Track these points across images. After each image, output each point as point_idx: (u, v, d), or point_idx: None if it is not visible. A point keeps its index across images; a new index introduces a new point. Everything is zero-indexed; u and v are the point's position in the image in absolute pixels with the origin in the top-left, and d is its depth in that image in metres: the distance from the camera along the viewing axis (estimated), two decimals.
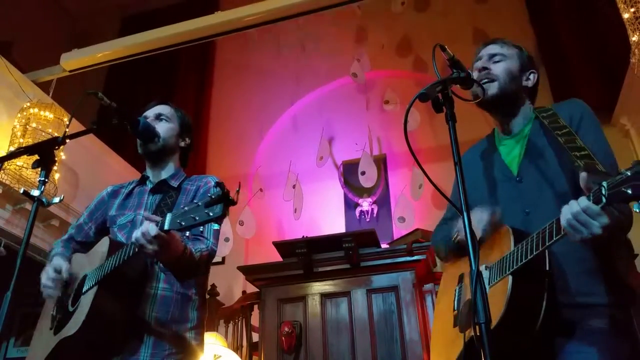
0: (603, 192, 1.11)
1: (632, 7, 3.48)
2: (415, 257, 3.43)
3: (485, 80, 1.68)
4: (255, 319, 4.08)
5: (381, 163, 5.89)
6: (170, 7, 7.53)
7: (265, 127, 6.77)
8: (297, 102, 6.72)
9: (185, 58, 7.10)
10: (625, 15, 3.53)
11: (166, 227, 1.42)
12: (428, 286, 3.56)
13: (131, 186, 2.06)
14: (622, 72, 4.32)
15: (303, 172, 6.02)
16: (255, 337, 4.10)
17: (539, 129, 1.65)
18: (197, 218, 1.35)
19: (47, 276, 1.76)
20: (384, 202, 5.77)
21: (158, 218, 1.47)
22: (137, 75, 7.15)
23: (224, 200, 1.32)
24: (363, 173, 5.59)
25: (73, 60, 5.25)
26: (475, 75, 1.70)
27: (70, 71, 5.30)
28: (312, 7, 4.69)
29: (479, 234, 1.53)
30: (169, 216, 1.43)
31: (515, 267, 1.38)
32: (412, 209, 5.39)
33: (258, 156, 6.65)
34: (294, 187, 5.85)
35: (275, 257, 3.81)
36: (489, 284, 1.49)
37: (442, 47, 1.47)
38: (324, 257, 3.58)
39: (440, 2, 6.45)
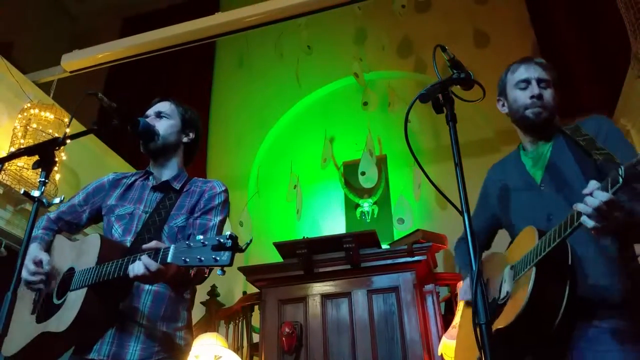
0: (620, 172, 1.20)
1: (631, 7, 3.48)
2: (415, 258, 3.43)
3: (539, 108, 1.75)
4: (255, 320, 4.08)
5: (382, 163, 5.89)
6: (170, 7, 7.53)
7: (266, 128, 6.77)
8: (298, 102, 6.72)
9: (186, 59, 7.10)
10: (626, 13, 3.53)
11: (168, 260, 1.41)
12: (429, 287, 3.56)
13: (133, 178, 2.04)
14: (623, 71, 4.31)
15: (304, 172, 6.03)
16: (256, 337, 4.10)
17: (562, 140, 1.73)
18: (202, 259, 1.33)
19: (27, 271, 1.71)
20: (384, 203, 5.77)
21: (162, 246, 1.46)
22: (138, 76, 7.14)
23: (234, 250, 1.31)
24: (363, 173, 5.58)
25: (74, 61, 5.24)
26: (521, 95, 1.78)
27: (70, 72, 5.30)
28: (312, 7, 4.68)
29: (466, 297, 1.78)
30: (172, 249, 1.41)
31: (537, 258, 1.44)
32: (412, 210, 5.39)
33: (258, 156, 6.66)
34: (294, 187, 5.85)
35: (276, 257, 3.81)
36: (513, 279, 1.57)
37: (442, 47, 1.48)
38: (325, 258, 3.58)
39: (441, 3, 6.45)
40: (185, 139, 2.04)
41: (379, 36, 6.36)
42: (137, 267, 1.47)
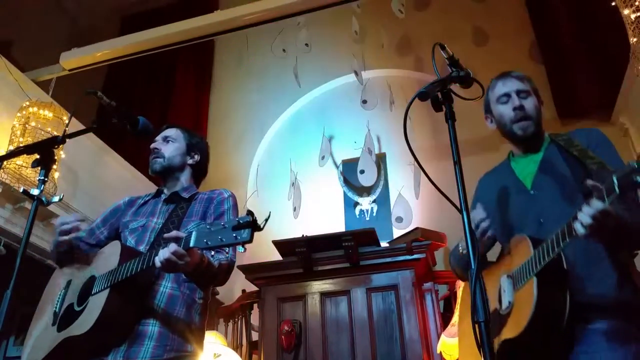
0: (614, 180, 1.20)
1: (631, 5, 3.48)
2: (414, 256, 3.43)
3: (522, 118, 1.78)
4: (255, 318, 4.08)
5: (381, 162, 5.89)
6: (169, 6, 7.52)
7: (265, 126, 6.77)
8: (297, 100, 6.71)
9: (184, 57, 7.09)
10: (625, 12, 3.52)
11: (191, 244, 1.48)
12: (428, 285, 3.56)
13: (147, 198, 2.16)
14: (622, 70, 4.31)
15: (302, 171, 6.02)
16: (255, 335, 4.10)
17: (554, 148, 1.76)
18: (223, 239, 1.40)
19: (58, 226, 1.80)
20: (383, 201, 5.77)
21: (182, 234, 1.52)
22: (137, 74, 7.14)
23: (252, 226, 1.37)
24: (362, 172, 5.59)
25: (73, 59, 5.24)
26: (504, 109, 1.82)
27: (69, 70, 5.29)
28: (311, 5, 4.68)
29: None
30: (194, 234, 1.48)
31: (537, 269, 1.46)
32: (411, 208, 5.39)
33: (258, 155, 6.65)
34: (292, 185, 5.85)
35: (275, 256, 3.81)
36: (514, 289, 1.56)
37: (441, 46, 1.48)
38: (324, 256, 3.58)
39: (440, 1, 6.45)
40: (190, 161, 2.17)
41: (378, 34, 6.35)
42: (162, 253, 1.53)
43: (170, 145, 2.13)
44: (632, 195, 1.22)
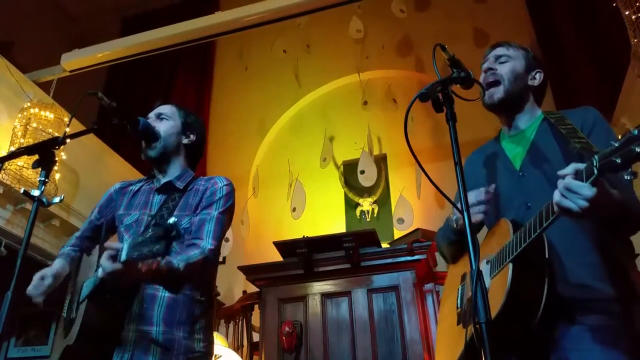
0: (594, 163, 1.14)
1: (632, 6, 3.48)
2: (415, 257, 3.43)
3: (491, 79, 1.71)
4: (255, 319, 4.08)
5: (381, 162, 5.89)
6: (170, 7, 7.54)
7: (266, 127, 6.78)
8: (298, 101, 6.72)
9: (185, 58, 7.10)
10: (626, 12, 3.52)
11: (123, 258, 1.41)
12: (428, 286, 3.56)
13: (139, 184, 2.05)
14: (623, 71, 4.31)
15: (303, 171, 6.03)
16: (256, 336, 4.10)
17: (546, 127, 1.66)
18: (144, 251, 1.35)
19: (32, 284, 1.75)
20: (384, 202, 5.77)
21: (119, 245, 1.44)
22: (137, 75, 7.15)
23: (167, 237, 1.33)
24: (362, 172, 5.59)
25: (73, 61, 5.25)
26: (481, 76, 1.73)
27: (70, 71, 5.30)
28: (312, 7, 4.69)
29: (477, 217, 1.55)
30: (125, 247, 1.41)
31: (514, 254, 1.38)
32: (412, 209, 5.39)
33: (258, 156, 6.66)
34: (293, 186, 5.86)
35: (276, 256, 3.81)
36: (490, 276, 1.49)
37: (442, 46, 1.47)
38: (325, 257, 3.58)
39: (441, 2, 6.45)
40: (185, 141, 2.03)
41: (378, 35, 6.36)
42: (99, 271, 1.47)
43: (164, 122, 2.00)
44: (617, 177, 1.12)
